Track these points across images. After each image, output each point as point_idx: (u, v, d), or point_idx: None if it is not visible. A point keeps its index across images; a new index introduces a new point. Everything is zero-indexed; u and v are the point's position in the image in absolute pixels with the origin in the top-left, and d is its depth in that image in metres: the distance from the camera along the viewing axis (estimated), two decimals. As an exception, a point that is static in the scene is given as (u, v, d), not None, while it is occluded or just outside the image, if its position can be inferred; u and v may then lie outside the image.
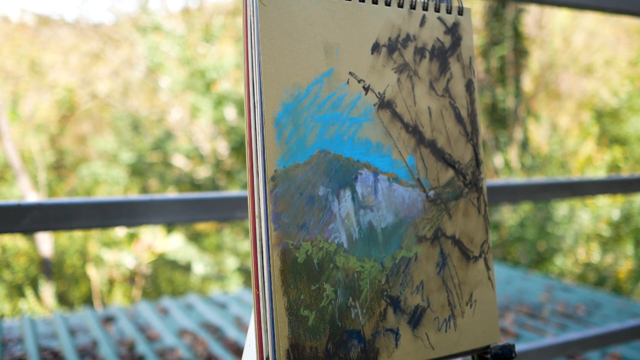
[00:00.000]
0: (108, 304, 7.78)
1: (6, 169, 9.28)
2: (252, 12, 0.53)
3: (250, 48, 0.53)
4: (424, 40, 0.62)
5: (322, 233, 0.54)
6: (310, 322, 0.53)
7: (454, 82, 0.64)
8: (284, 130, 0.52)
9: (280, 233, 0.52)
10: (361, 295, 0.56)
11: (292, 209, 0.52)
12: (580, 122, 9.50)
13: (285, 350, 0.51)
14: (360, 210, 0.56)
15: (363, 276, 0.56)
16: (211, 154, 9.09)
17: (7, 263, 8.24)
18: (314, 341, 0.53)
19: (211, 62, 8.43)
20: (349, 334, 0.55)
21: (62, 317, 3.58)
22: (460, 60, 0.64)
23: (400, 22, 0.60)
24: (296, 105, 0.53)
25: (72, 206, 0.97)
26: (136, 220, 1.03)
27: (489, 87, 8.27)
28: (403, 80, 0.60)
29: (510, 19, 8.09)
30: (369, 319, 0.56)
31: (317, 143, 0.54)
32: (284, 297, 0.51)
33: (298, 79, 0.54)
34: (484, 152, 7.38)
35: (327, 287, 0.54)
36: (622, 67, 9.48)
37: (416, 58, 0.61)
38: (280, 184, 0.52)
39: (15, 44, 10.28)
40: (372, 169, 0.57)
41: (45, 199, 0.99)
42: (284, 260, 0.52)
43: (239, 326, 3.32)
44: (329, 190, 0.55)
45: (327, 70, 0.55)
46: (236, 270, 8.36)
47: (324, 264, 0.54)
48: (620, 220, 6.71)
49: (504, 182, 1.54)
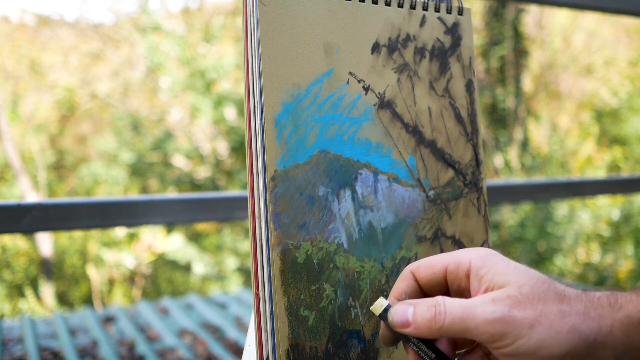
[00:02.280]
0: (108, 304, 7.78)
1: (6, 169, 9.28)
2: (252, 12, 0.53)
3: (250, 48, 0.53)
4: (424, 40, 0.62)
5: (322, 233, 0.54)
6: (310, 322, 0.53)
7: (454, 82, 0.64)
8: (283, 131, 0.52)
9: (280, 233, 0.52)
10: (361, 295, 0.56)
11: (292, 209, 0.53)
12: (580, 122, 9.50)
13: (285, 350, 0.51)
14: (360, 210, 0.56)
15: (363, 276, 0.56)
16: (211, 154, 9.09)
17: (7, 263, 8.24)
18: (314, 341, 0.53)
19: (211, 62, 8.44)
20: (349, 334, 0.55)
21: (62, 317, 3.58)
22: (460, 60, 0.64)
23: (400, 22, 0.60)
24: (296, 105, 0.53)
25: (72, 206, 0.97)
26: (136, 220, 1.03)
27: (489, 87, 8.27)
28: (403, 80, 0.60)
29: (510, 19, 8.09)
30: (369, 319, 0.56)
31: (317, 143, 0.54)
32: (284, 297, 0.51)
33: (298, 79, 0.54)
34: (484, 152, 7.37)
35: (327, 287, 0.54)
36: (622, 67, 9.49)
37: (416, 58, 0.61)
38: (280, 184, 0.52)
39: (15, 44, 10.28)
40: (372, 169, 0.57)
41: (45, 199, 0.99)
42: (284, 260, 0.52)
43: (239, 326, 3.32)
44: (329, 190, 0.55)
45: (327, 70, 0.56)
46: (236, 270, 8.36)
47: (324, 264, 0.54)
48: (620, 220, 6.71)
49: (504, 182, 1.54)
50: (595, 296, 0.42)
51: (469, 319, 0.42)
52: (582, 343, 0.40)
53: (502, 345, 0.41)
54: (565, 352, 0.40)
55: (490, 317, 0.41)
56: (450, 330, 0.43)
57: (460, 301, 0.43)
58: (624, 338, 0.40)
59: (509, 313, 0.41)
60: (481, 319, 0.41)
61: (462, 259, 0.46)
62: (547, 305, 0.41)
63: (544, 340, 0.40)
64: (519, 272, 0.43)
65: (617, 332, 0.40)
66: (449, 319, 0.42)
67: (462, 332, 0.42)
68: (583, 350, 0.40)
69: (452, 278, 0.47)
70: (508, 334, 0.40)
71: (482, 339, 0.42)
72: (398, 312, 0.45)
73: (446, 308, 0.43)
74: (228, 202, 1.12)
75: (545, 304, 0.41)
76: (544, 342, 0.40)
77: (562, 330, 0.40)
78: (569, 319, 0.41)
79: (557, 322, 0.40)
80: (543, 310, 0.41)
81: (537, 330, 0.40)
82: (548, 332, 0.40)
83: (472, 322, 0.41)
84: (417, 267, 0.48)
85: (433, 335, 0.44)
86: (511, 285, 0.42)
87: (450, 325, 0.42)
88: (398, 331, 0.46)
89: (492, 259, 0.45)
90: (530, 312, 0.41)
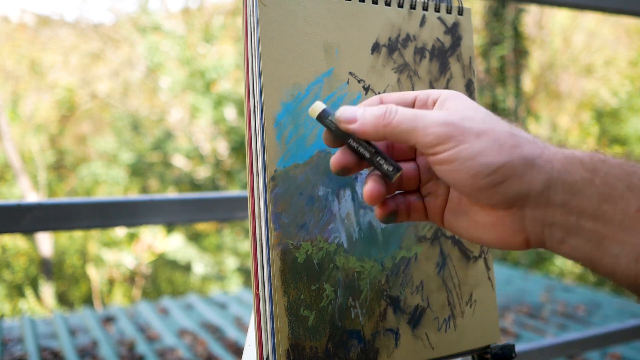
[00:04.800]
0: (108, 304, 7.78)
1: (6, 169, 9.28)
2: (252, 12, 0.53)
3: (250, 48, 0.53)
4: (424, 40, 0.62)
5: (322, 233, 0.54)
6: (310, 322, 0.53)
7: (453, 82, 0.64)
8: (284, 130, 0.52)
9: (280, 233, 0.52)
10: (361, 295, 0.56)
11: (292, 209, 0.53)
12: (580, 122, 9.50)
13: (285, 350, 0.51)
14: (360, 210, 0.56)
15: (363, 276, 0.56)
16: (211, 154, 9.09)
17: (7, 263, 8.24)
18: (314, 341, 0.53)
19: (211, 62, 8.44)
20: (348, 334, 0.55)
21: (62, 317, 3.58)
22: (460, 61, 0.64)
23: (400, 22, 0.60)
24: (296, 105, 0.53)
25: (72, 206, 0.97)
26: (136, 220, 1.03)
27: (489, 87, 8.28)
28: (403, 80, 0.60)
29: (510, 19, 8.09)
30: (369, 319, 0.56)
31: (317, 143, 0.54)
32: (284, 297, 0.51)
33: (298, 79, 0.54)
34: (484, 152, 7.37)
35: (327, 287, 0.54)
36: (622, 67, 9.49)
37: (416, 58, 0.61)
38: (280, 184, 0.52)
39: (15, 44, 10.28)
40: (372, 169, 0.57)
41: (45, 199, 0.99)
42: (284, 260, 0.52)
43: (239, 326, 3.32)
44: (329, 190, 0.55)
45: (327, 70, 0.56)
46: (236, 270, 8.37)
47: (324, 264, 0.54)
48: (620, 220, 6.69)
49: (504, 182, 1.54)
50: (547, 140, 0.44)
51: (418, 119, 0.43)
52: (520, 160, 0.41)
53: (443, 150, 0.42)
54: (503, 162, 0.41)
55: (440, 119, 0.42)
56: (396, 129, 0.43)
57: (413, 109, 0.44)
58: (561, 169, 0.42)
59: (459, 121, 0.42)
60: (431, 120, 0.43)
61: (434, 92, 0.48)
62: (498, 125, 0.43)
63: (486, 148, 0.41)
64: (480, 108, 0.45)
65: (556, 162, 0.42)
66: (398, 117, 0.44)
67: (408, 132, 0.43)
68: (519, 166, 0.41)
69: (420, 106, 0.48)
70: (454, 137, 0.42)
71: (425, 141, 0.42)
72: (347, 109, 0.46)
73: (398, 109, 0.44)
74: (228, 202, 1.12)
75: (496, 125, 0.43)
76: (485, 149, 0.41)
77: (506, 145, 0.42)
78: (515, 139, 0.42)
79: (503, 137, 0.42)
80: (493, 127, 0.43)
81: (483, 139, 0.42)
82: (492, 143, 0.42)
83: (421, 122, 0.43)
84: (387, 94, 0.49)
85: (378, 135, 0.44)
86: (468, 111, 0.44)
87: (398, 123, 0.43)
88: (342, 128, 0.46)
89: (461, 96, 0.46)
90: (480, 125, 0.43)
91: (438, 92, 0.47)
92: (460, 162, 0.42)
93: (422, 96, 0.48)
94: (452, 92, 0.47)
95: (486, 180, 0.42)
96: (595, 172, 0.41)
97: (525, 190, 0.42)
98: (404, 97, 0.48)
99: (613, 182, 0.40)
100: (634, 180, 0.40)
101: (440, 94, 0.47)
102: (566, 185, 0.41)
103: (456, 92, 0.47)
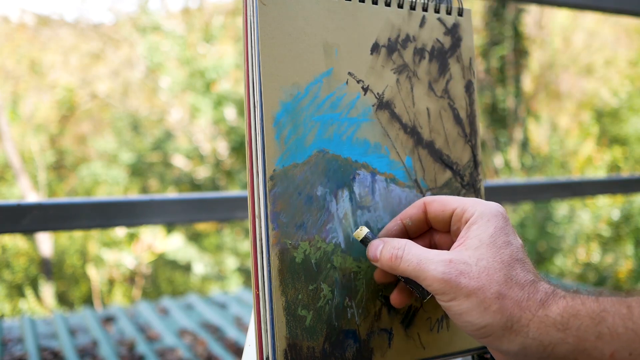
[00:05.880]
0: (108, 304, 7.78)
1: (6, 169, 9.28)
2: (252, 12, 0.53)
3: (250, 48, 0.53)
4: (423, 41, 0.62)
5: (320, 233, 0.54)
6: (308, 322, 0.53)
7: (453, 83, 0.64)
8: (283, 130, 0.52)
9: (278, 233, 0.52)
10: (357, 296, 0.56)
11: (291, 208, 0.53)
12: (580, 122, 9.49)
13: (283, 350, 0.51)
14: (358, 210, 0.56)
15: (359, 276, 0.56)
16: (211, 154, 9.09)
17: (7, 263, 8.24)
18: (311, 341, 0.53)
19: (211, 62, 8.43)
20: (345, 333, 0.55)
21: (62, 317, 3.58)
22: (460, 61, 0.64)
23: (400, 23, 0.60)
24: (295, 104, 0.53)
25: (72, 206, 0.97)
26: (136, 220, 1.04)
27: (489, 87, 8.27)
28: (402, 81, 0.60)
29: (510, 19, 8.08)
30: (365, 319, 0.56)
31: (315, 143, 0.54)
32: (282, 297, 0.52)
33: (297, 78, 0.54)
34: (484, 152, 7.37)
35: (324, 287, 0.54)
36: (622, 67, 9.48)
37: (415, 59, 0.61)
38: (279, 184, 0.52)
39: (15, 44, 10.28)
40: (370, 169, 0.57)
41: (45, 199, 0.99)
42: (282, 260, 0.52)
43: (239, 326, 3.32)
44: (327, 190, 0.55)
45: (326, 70, 0.56)
46: (236, 270, 8.36)
47: (321, 264, 0.54)
48: (620, 220, 6.70)
49: (504, 182, 1.55)
50: (540, 288, 0.47)
51: (421, 271, 0.49)
52: (500, 324, 0.46)
53: (441, 300, 0.49)
54: (484, 325, 0.46)
55: (438, 277, 0.48)
56: (405, 273, 0.50)
57: (421, 252, 0.50)
58: (535, 333, 0.45)
59: (455, 279, 0.47)
60: (431, 275, 0.48)
61: (469, 209, 0.52)
62: (490, 284, 0.47)
63: (472, 309, 0.47)
64: (492, 246, 0.49)
65: (532, 326, 0.45)
66: (403, 265, 0.50)
67: (415, 278, 0.50)
68: (498, 329, 0.46)
69: (455, 221, 0.53)
70: (448, 294, 0.47)
71: (428, 289, 0.49)
72: (372, 246, 0.53)
73: (404, 254, 0.50)
74: (228, 202, 1.12)
75: (490, 282, 0.47)
76: (471, 310, 0.47)
77: (490, 309, 0.46)
78: (501, 302, 0.46)
79: (489, 300, 0.46)
80: (484, 286, 0.47)
81: (471, 300, 0.47)
82: (478, 305, 0.46)
83: (423, 274, 0.49)
84: (431, 201, 0.55)
85: (395, 272, 0.51)
86: (474, 256, 0.48)
87: (403, 270, 0.50)
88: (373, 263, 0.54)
89: (488, 221, 0.50)
90: (474, 283, 0.47)
91: (473, 208, 0.52)
92: (451, 314, 0.48)
93: (458, 211, 0.53)
94: (483, 213, 0.51)
95: (471, 334, 0.48)
96: (567, 331, 0.44)
97: (505, 349, 0.47)
98: (444, 209, 0.54)
99: (584, 336, 0.44)
100: (602, 330, 0.43)
101: (474, 213, 0.51)
102: (541, 347, 0.45)
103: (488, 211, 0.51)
